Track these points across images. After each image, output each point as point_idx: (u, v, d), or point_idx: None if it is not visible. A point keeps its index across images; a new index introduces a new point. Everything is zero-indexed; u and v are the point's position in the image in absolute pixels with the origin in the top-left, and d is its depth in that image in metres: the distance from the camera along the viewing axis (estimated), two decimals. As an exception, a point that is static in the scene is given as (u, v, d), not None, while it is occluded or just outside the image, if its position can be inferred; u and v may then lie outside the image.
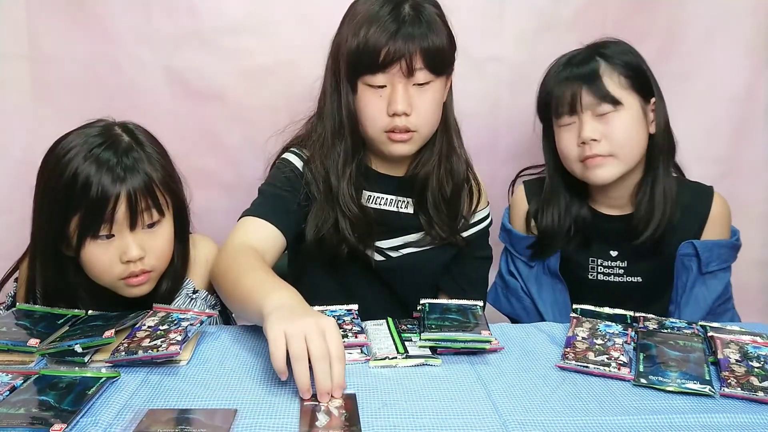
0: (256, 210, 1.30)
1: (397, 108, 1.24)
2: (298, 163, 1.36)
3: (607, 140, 1.35)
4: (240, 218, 1.31)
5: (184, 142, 1.69)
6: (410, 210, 1.39)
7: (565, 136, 1.40)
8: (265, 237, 1.26)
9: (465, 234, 1.43)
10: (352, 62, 1.25)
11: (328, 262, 1.37)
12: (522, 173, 1.61)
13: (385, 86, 1.25)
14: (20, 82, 1.64)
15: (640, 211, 1.40)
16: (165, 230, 1.17)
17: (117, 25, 1.64)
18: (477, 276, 1.50)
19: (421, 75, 1.25)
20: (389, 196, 1.39)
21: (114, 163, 1.10)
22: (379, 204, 1.38)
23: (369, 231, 1.34)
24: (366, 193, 1.37)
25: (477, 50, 1.74)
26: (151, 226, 1.15)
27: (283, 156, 1.38)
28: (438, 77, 1.28)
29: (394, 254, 1.40)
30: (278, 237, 1.28)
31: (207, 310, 1.18)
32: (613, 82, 1.35)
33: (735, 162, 1.84)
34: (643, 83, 1.38)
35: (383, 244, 1.39)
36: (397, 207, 1.39)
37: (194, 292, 1.28)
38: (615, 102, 1.35)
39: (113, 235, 1.12)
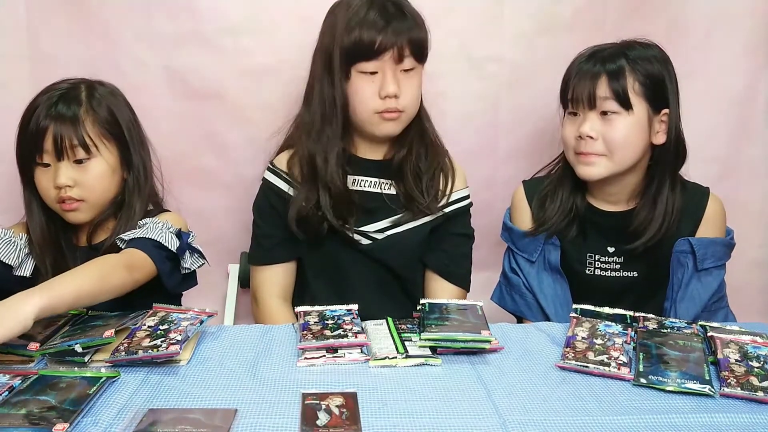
0: (258, 258, 1.53)
1: (389, 90, 1.39)
2: (276, 181, 1.50)
3: (604, 141, 1.38)
4: (249, 263, 1.57)
5: (184, 142, 1.69)
6: (393, 191, 1.50)
7: (568, 125, 1.44)
8: (280, 276, 1.52)
9: (446, 210, 1.52)
10: (348, 53, 1.39)
11: (312, 243, 1.48)
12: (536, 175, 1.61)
13: (377, 72, 1.39)
14: (20, 82, 1.64)
15: (639, 218, 1.42)
16: (95, 167, 1.32)
17: (117, 25, 1.64)
18: (458, 252, 1.56)
19: (408, 62, 1.41)
20: (372, 179, 1.50)
21: (53, 103, 1.30)
22: (364, 186, 1.50)
23: (349, 209, 1.45)
24: (350, 177, 1.48)
25: (477, 50, 1.74)
26: (80, 162, 1.31)
27: (264, 176, 1.53)
28: (420, 64, 1.44)
29: (379, 236, 1.48)
30: (288, 267, 1.53)
31: (198, 309, 1.18)
32: (628, 85, 1.36)
33: (735, 162, 1.84)
34: (658, 94, 1.38)
35: (369, 228, 1.48)
36: (381, 188, 1.50)
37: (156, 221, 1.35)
38: (625, 105, 1.36)
39: (48, 164, 1.30)
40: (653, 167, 1.43)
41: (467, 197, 1.56)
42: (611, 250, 1.47)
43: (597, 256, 1.47)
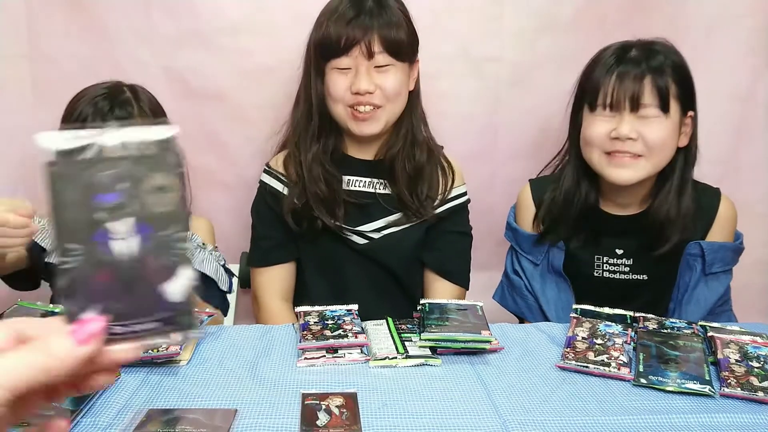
0: (257, 260, 1.53)
1: (359, 87, 1.36)
2: (271, 182, 1.50)
3: (643, 141, 1.32)
4: (248, 264, 1.58)
5: (184, 142, 1.67)
6: (387, 191, 1.49)
7: (599, 125, 1.35)
8: (280, 277, 1.53)
9: (441, 209, 1.50)
10: (319, 50, 1.39)
11: (309, 238, 1.48)
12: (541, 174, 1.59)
13: (350, 68, 1.37)
14: (20, 82, 1.64)
15: (664, 220, 1.38)
16: None
17: (117, 25, 1.64)
18: (455, 250, 1.55)
19: (381, 58, 1.37)
20: (365, 179, 1.49)
21: (107, 110, 1.33)
22: (358, 186, 1.49)
23: (340, 207, 1.44)
24: (345, 178, 1.48)
25: (476, 50, 1.74)
26: None
27: (260, 178, 1.53)
28: (398, 62, 1.39)
29: (376, 236, 1.48)
30: (287, 267, 1.52)
31: (208, 310, 1.18)
32: (670, 86, 1.32)
33: (735, 162, 1.84)
34: (688, 96, 1.36)
35: (366, 227, 1.47)
36: (374, 188, 1.49)
37: (203, 244, 1.43)
38: (665, 107, 1.31)
39: None
40: (669, 169, 1.39)
41: (464, 194, 1.55)
42: (620, 252, 1.45)
43: (605, 258, 1.46)
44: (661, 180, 1.41)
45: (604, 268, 1.46)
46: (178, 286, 0.51)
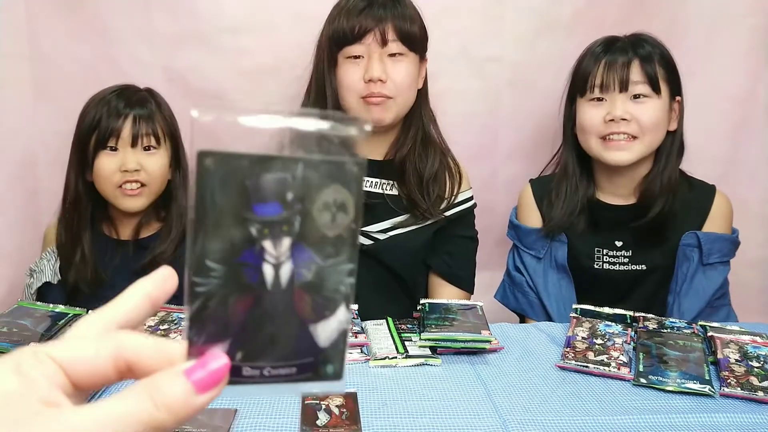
0: None
1: (372, 74, 1.36)
2: None
3: (636, 122, 1.38)
4: None
5: (185, 141, 1.69)
6: (395, 191, 1.48)
7: (591, 111, 1.42)
8: None
9: (448, 213, 1.50)
10: (332, 40, 1.40)
11: None
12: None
13: (362, 56, 1.38)
14: (20, 82, 1.64)
15: (645, 197, 1.43)
16: (160, 157, 1.40)
17: (117, 25, 1.64)
18: (461, 254, 1.55)
19: (395, 46, 1.38)
20: (373, 179, 1.49)
21: (123, 107, 1.35)
22: (365, 187, 1.45)
23: None
24: None
25: (477, 51, 1.74)
26: (148, 149, 1.38)
27: None
28: (411, 52, 1.40)
29: (381, 237, 1.47)
30: None
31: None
32: (657, 69, 1.39)
33: (735, 162, 1.84)
34: (674, 79, 1.42)
35: (372, 228, 1.47)
36: (382, 189, 1.48)
37: None
38: (656, 88, 1.38)
39: (117, 149, 1.36)
40: (660, 154, 1.44)
41: (471, 199, 1.55)
42: (619, 244, 1.46)
43: (605, 251, 1.47)
44: (654, 169, 1.44)
45: (605, 260, 1.48)
46: (330, 329, 0.41)
